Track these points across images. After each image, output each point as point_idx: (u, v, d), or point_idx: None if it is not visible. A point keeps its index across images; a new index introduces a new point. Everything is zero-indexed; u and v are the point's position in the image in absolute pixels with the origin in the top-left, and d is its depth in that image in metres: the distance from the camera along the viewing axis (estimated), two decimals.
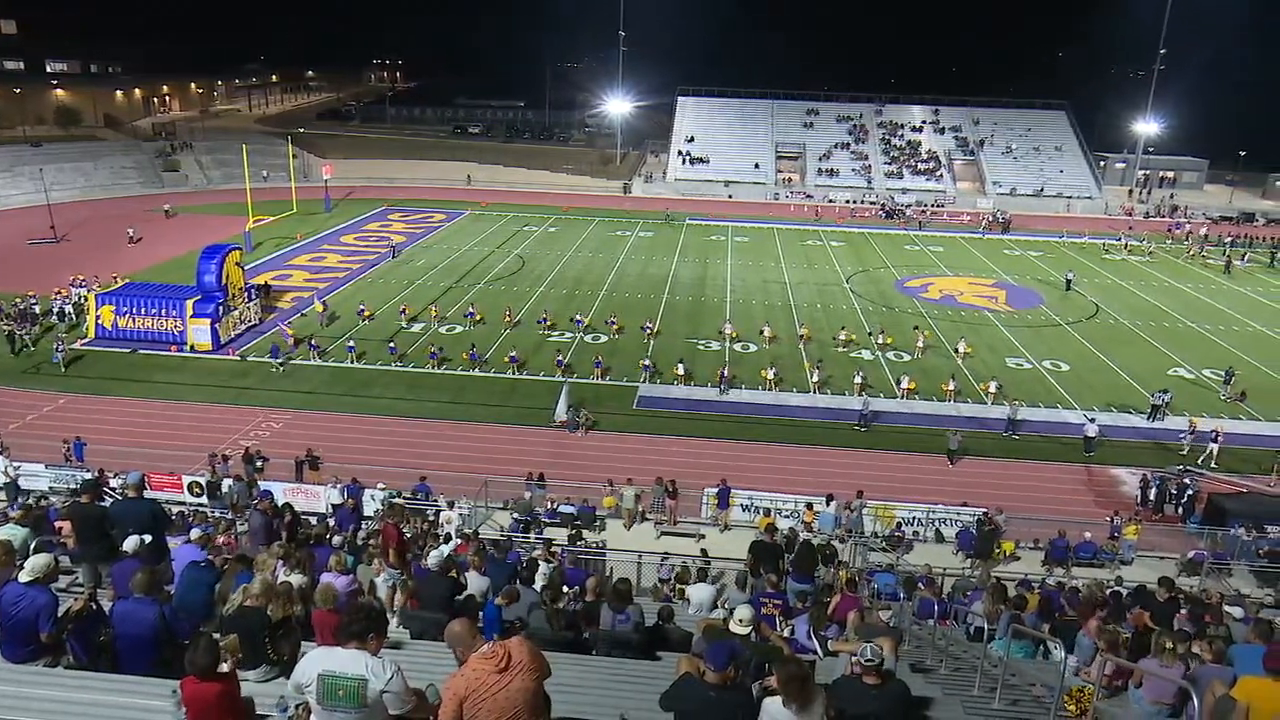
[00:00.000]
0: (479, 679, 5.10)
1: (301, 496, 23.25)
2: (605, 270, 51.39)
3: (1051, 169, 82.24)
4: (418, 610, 10.03)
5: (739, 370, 34.85)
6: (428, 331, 38.82)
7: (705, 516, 24.47)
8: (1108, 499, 26.51)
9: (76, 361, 33.85)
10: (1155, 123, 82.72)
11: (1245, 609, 15.35)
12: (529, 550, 16.86)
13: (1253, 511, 23.92)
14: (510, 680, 5.10)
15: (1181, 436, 29.58)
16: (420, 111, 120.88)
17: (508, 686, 5.08)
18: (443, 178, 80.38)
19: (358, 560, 11.95)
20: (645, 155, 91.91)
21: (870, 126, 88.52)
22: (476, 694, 5.07)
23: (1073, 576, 20.71)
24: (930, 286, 50.26)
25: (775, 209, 74.58)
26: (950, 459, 28.43)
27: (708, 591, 13.04)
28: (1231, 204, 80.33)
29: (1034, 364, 37.37)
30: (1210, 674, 7.80)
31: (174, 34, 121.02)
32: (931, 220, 70.95)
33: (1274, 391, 34.70)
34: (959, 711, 7.85)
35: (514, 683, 5.10)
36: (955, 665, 11.27)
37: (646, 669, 8.62)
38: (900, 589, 16.45)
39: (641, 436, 29.69)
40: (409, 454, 27.00)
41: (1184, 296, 49.61)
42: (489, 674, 5.09)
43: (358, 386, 32.98)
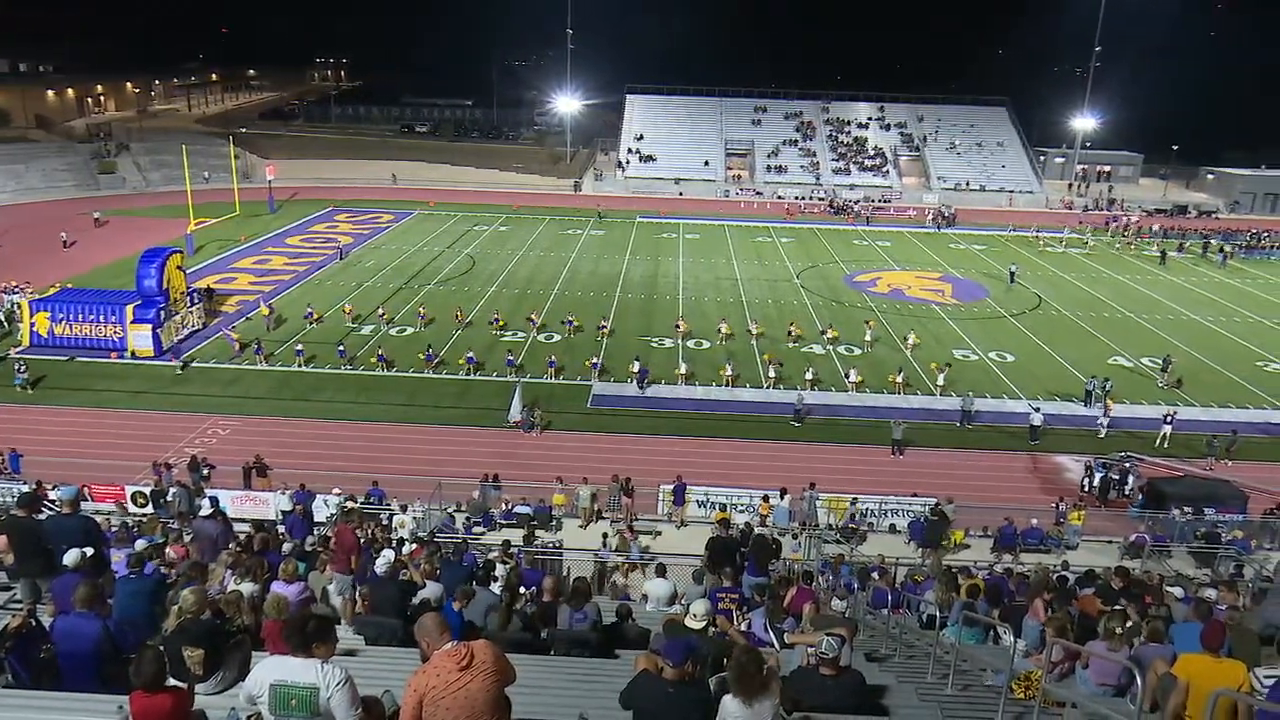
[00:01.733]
0: (440, 676, 5.07)
1: (250, 504, 22.84)
2: (557, 269, 51.22)
3: (994, 164, 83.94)
4: (370, 616, 9.90)
5: (695, 367, 35.01)
6: (377, 334, 38.32)
7: (661, 513, 24.53)
8: (1053, 486, 27.16)
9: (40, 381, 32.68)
10: (1092, 118, 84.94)
11: (1185, 589, 15.86)
12: (485, 552, 16.78)
13: (1190, 495, 24.70)
14: (471, 680, 5.07)
15: (1099, 421, 30.45)
16: (366, 110, 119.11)
17: (468, 686, 5.05)
18: (389, 177, 79.30)
19: (309, 567, 11.75)
20: (595, 153, 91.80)
21: (817, 123, 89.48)
22: (436, 691, 5.04)
23: (1020, 562, 21.18)
24: (879, 281, 51.00)
25: (726, 206, 75.00)
26: (894, 449, 28.88)
27: (665, 587, 13.08)
28: (1165, 197, 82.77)
29: (980, 355, 38.14)
30: (1152, 653, 8.03)
31: (109, 32, 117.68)
32: (878, 215, 71.91)
33: (1208, 378, 35.86)
34: (913, 698, 7.98)
35: (475, 683, 5.08)
36: (909, 653, 11.45)
37: (605, 667, 8.62)
38: (854, 580, 16.67)
39: (596, 435, 29.67)
40: (361, 458, 26.62)
41: (1122, 287, 51.02)
42: (450, 672, 5.06)
43: (307, 391, 32.44)
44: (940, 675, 9.38)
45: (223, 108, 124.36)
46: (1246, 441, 29.31)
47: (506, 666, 5.33)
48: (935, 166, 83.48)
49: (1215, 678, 6.54)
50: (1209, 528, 23.18)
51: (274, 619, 8.08)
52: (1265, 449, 29.61)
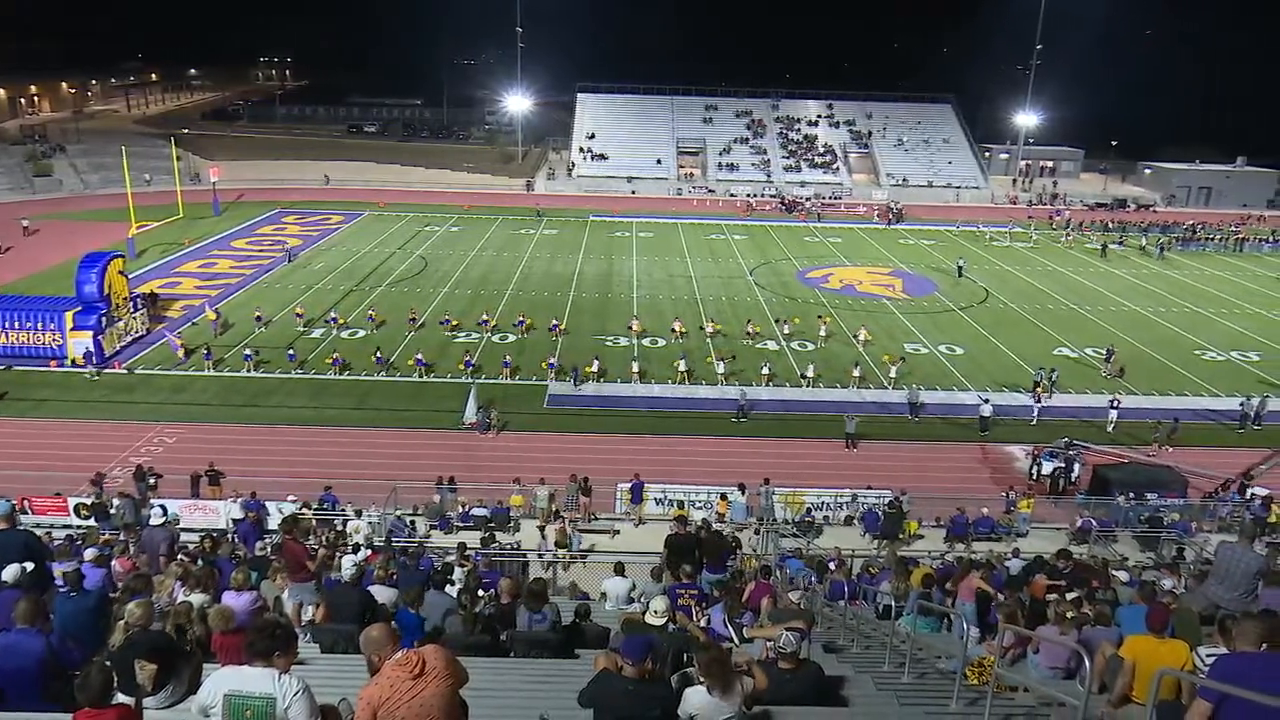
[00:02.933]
0: (392, 686, 4.99)
1: (200, 513, 22.37)
2: (510, 269, 50.93)
3: (941, 160, 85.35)
4: (329, 623, 9.75)
5: (649, 365, 35.06)
6: (328, 337, 37.75)
7: (619, 512, 24.54)
8: (1003, 475, 27.71)
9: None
10: (1034, 115, 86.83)
11: (1130, 573, 16.30)
12: (442, 555, 16.64)
13: (1133, 481, 25.40)
14: (424, 687, 5.01)
15: (1032, 409, 31.17)
16: (312, 110, 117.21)
17: (422, 694, 4.99)
18: (338, 178, 78.11)
19: (261, 576, 11.54)
20: (547, 152, 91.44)
21: (768, 121, 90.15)
22: (390, 701, 4.97)
23: (973, 551, 21.58)
24: (831, 277, 51.57)
25: (678, 204, 75.22)
26: (848, 443, 29.24)
27: (624, 585, 13.10)
28: (1106, 191, 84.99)
29: (930, 349, 38.77)
30: (1100, 636, 8.25)
31: (42, 30, 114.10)
32: (828, 212, 72.66)
33: (1149, 367, 36.88)
34: (870, 688, 8.09)
35: (428, 690, 5.01)
36: (866, 643, 11.62)
37: (565, 668, 8.60)
38: (811, 573, 16.85)
39: (553, 435, 29.58)
40: (314, 463, 26.21)
41: (1065, 280, 52.23)
42: (403, 681, 5.00)
43: (257, 396, 31.83)
44: (897, 664, 9.54)
45: (163, 108, 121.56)
46: (1185, 428, 30.19)
47: (458, 669, 5.28)
48: (884, 163, 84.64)
49: (1159, 658, 6.73)
50: (1152, 512, 23.86)
51: (220, 630, 7.93)
52: (1202, 434, 30.52)
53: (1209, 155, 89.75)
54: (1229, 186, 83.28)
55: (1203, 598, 9.81)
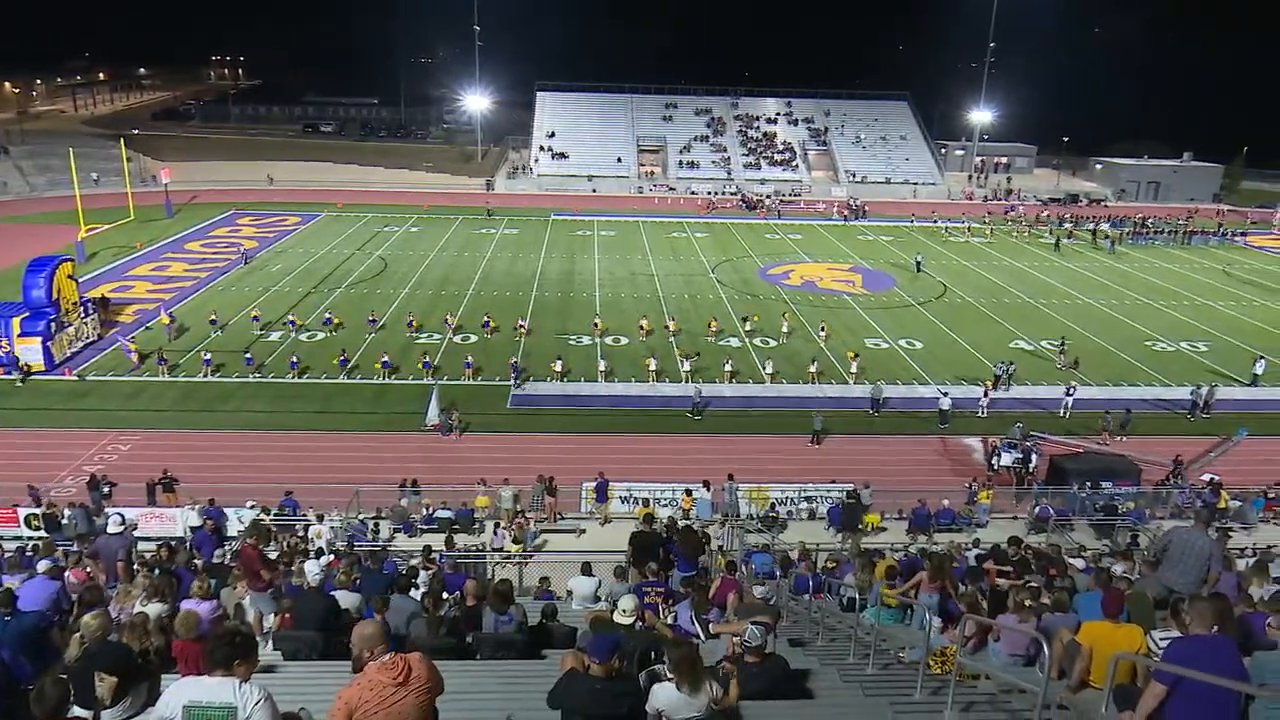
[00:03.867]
0: (374, 690, 4.94)
1: (156, 521, 21.94)
2: (471, 269, 50.60)
3: (898, 157, 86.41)
4: (292, 630, 9.62)
5: (614, 363, 35.04)
6: (286, 340, 37.21)
7: (585, 511, 24.51)
8: (963, 467, 28.12)
9: None
10: (988, 112, 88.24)
11: (1086, 560, 16.63)
12: (406, 558, 16.50)
13: (1089, 470, 25.90)
14: (405, 696, 4.97)
15: (979, 402, 31.71)
16: (266, 110, 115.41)
17: (402, 702, 4.94)
18: (295, 178, 77.05)
19: (222, 584, 11.35)
20: (507, 151, 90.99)
21: (727, 119, 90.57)
22: (369, 705, 4.91)
23: (935, 542, 21.88)
24: (791, 273, 51.94)
25: (640, 202, 75.27)
26: (814, 439, 29.49)
27: (589, 584, 13.08)
28: (1059, 186, 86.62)
29: (890, 343, 39.21)
30: (1057, 622, 8.41)
31: None
32: (788, 209, 73.17)
33: (1102, 358, 37.65)
34: (836, 680, 8.16)
35: (408, 699, 4.97)
36: (831, 636, 11.71)
37: (532, 668, 8.58)
38: (776, 567, 16.95)
39: (517, 435, 29.44)
40: (274, 469, 25.80)
41: (1021, 274, 53.14)
42: (385, 686, 4.95)
43: (215, 401, 31.27)
44: (861, 655, 9.64)
45: (112, 108, 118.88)
46: (1137, 417, 30.86)
47: (439, 681, 5.26)
48: (842, 160, 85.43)
49: (1115, 642, 6.89)
50: (1107, 501, 24.38)
51: (184, 638, 7.78)
52: (1154, 424, 31.21)
53: (1157, 151, 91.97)
54: (1176, 181, 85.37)
55: (1156, 583, 10.05)
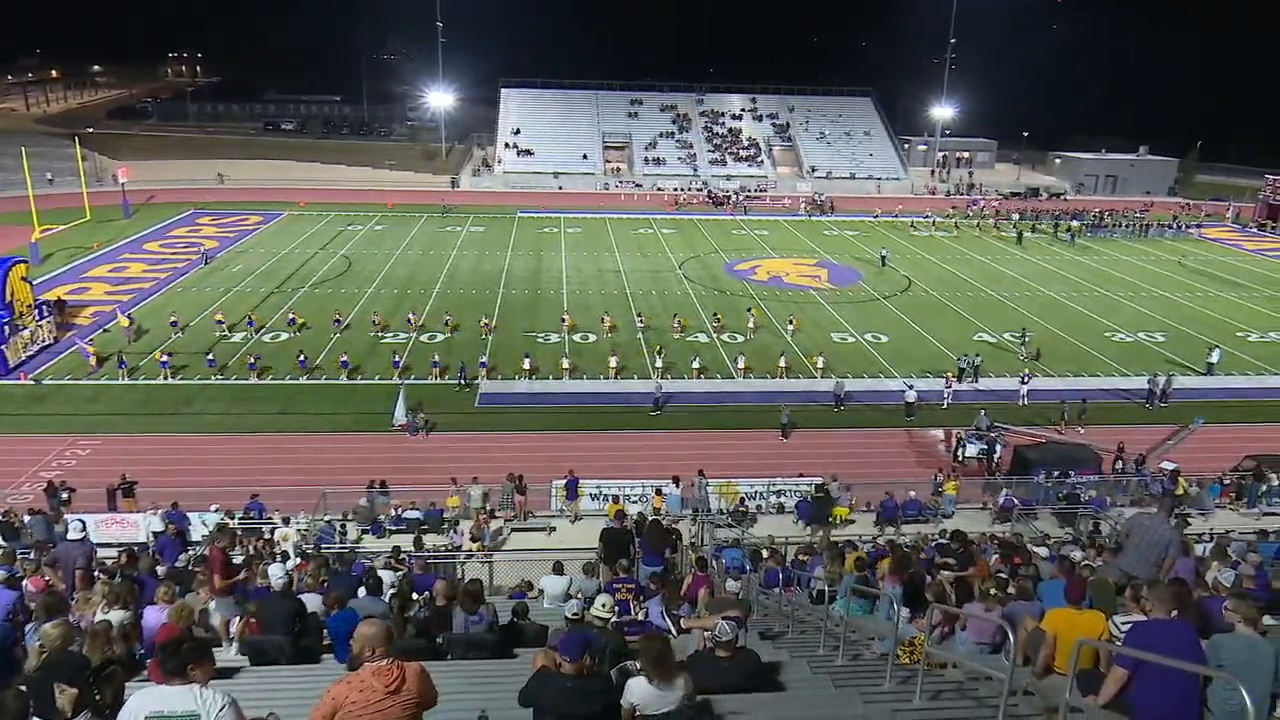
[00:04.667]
0: (363, 693, 4.87)
1: (117, 526, 21.55)
2: (437, 268, 50.23)
3: (862, 152, 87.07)
4: (257, 634, 9.50)
5: (580, 360, 34.98)
6: (249, 341, 36.69)
7: (555, 509, 24.46)
8: (929, 459, 28.46)
9: None
10: (950, 107, 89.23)
11: (1050, 548, 16.93)
12: (374, 560, 16.36)
13: (1051, 459, 26.31)
14: (394, 705, 4.91)
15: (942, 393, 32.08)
16: (226, 108, 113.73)
17: (387, 711, 4.88)
18: (256, 177, 75.94)
19: (185, 589, 11.18)
20: (472, 148, 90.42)
21: (693, 115, 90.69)
22: (355, 706, 4.85)
23: (902, 534, 22.14)
24: (758, 269, 52.18)
25: (606, 199, 75.17)
26: (782, 433, 29.68)
27: (561, 582, 13.06)
28: (1019, 180, 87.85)
29: (857, 337, 39.55)
30: (1022, 610, 8.55)
31: None
32: (754, 205, 73.45)
33: (1063, 349, 38.28)
34: (806, 672, 8.23)
35: (395, 709, 4.91)
36: (801, 629, 11.81)
37: (504, 668, 8.55)
38: (747, 562, 17.06)
39: (485, 434, 29.30)
40: (238, 472, 25.46)
41: (983, 267, 53.84)
42: (376, 692, 4.88)
43: (176, 404, 30.76)
44: (831, 647, 9.72)
45: (66, 106, 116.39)
46: (1097, 406, 31.41)
47: (432, 696, 5.21)
48: (807, 156, 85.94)
49: (1078, 628, 7.01)
50: (1069, 489, 24.78)
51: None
52: (1112, 413, 31.80)
53: (1114, 145, 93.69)
54: (1133, 174, 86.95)
55: (1117, 569, 10.24)
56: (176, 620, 8.11)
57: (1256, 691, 5.27)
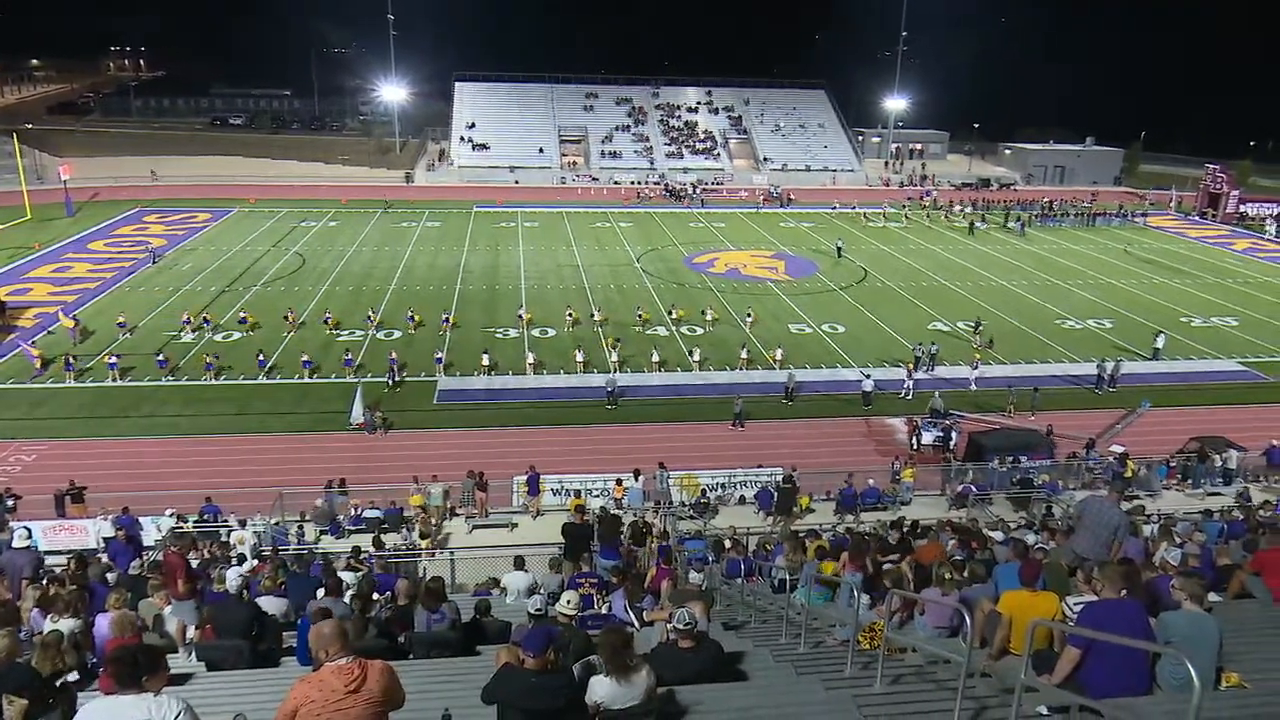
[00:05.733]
0: (322, 692, 4.80)
1: (66, 533, 21.02)
2: (393, 264, 49.68)
3: (816, 145, 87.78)
4: (213, 640, 9.34)
5: (541, 354, 34.84)
6: (201, 340, 35.97)
7: (517, 505, 24.35)
8: (887, 447, 28.82)
9: None
10: (902, 100, 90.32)
11: (1005, 532, 17.24)
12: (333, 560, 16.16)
13: (1005, 445, 26.82)
14: (354, 705, 4.82)
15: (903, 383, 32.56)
16: (171, 103, 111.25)
17: (348, 710, 4.80)
18: (205, 174, 74.37)
19: (138, 595, 10.95)
20: (426, 143, 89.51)
21: (648, 108, 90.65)
22: (315, 705, 4.77)
23: (861, 521, 22.42)
24: (716, 261, 52.38)
25: (563, 193, 74.89)
26: (735, 422, 29.86)
27: (524, 579, 13.03)
28: (970, 171, 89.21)
29: (814, 328, 39.90)
30: (978, 594, 8.71)
31: None
32: (711, 197, 73.67)
33: (1015, 337, 39.00)
34: (769, 660, 8.30)
35: (357, 709, 4.83)
36: (763, 618, 11.91)
37: (467, 666, 8.50)
38: (709, 553, 17.14)
39: (445, 431, 29.07)
40: (192, 475, 24.97)
41: (937, 257, 54.61)
42: (336, 691, 4.80)
43: (126, 407, 30.05)
44: (793, 636, 9.82)
45: (4, 102, 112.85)
46: (1049, 392, 32.06)
47: (398, 695, 5.12)
48: (763, 148, 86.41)
49: (1032, 610, 7.16)
50: (1023, 474, 25.28)
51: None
52: (1063, 399, 32.48)
53: (1062, 136, 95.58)
54: (1080, 165, 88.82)
55: (1070, 551, 10.48)
56: (120, 632, 7.91)
57: (1202, 666, 5.43)
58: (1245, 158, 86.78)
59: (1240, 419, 30.58)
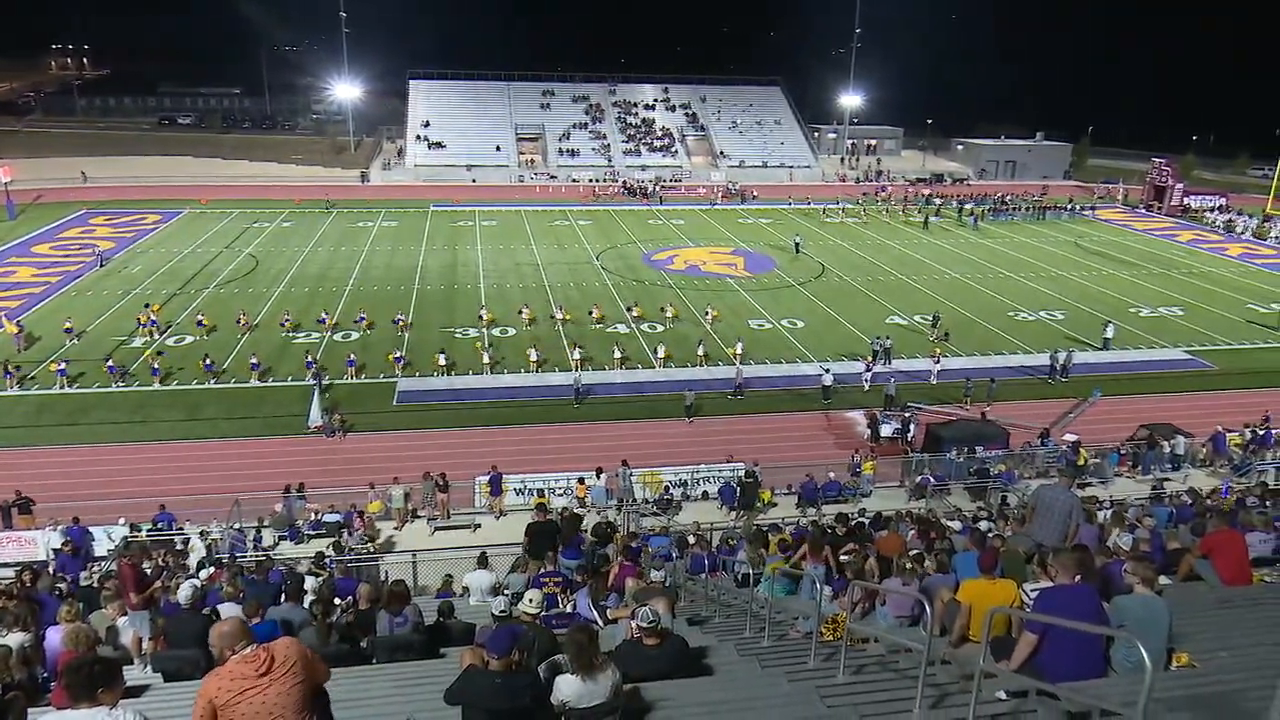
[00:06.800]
0: (234, 681, 4.68)
1: (14, 545, 20.48)
2: (349, 264, 49.04)
3: (773, 141, 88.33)
4: (168, 650, 9.15)
5: (501, 353, 34.63)
6: (152, 344, 35.19)
7: (479, 505, 24.21)
8: (847, 440, 29.11)
9: None
10: (857, 96, 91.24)
11: (963, 522, 17.53)
12: (293, 565, 15.93)
13: (962, 436, 27.25)
14: (270, 685, 4.70)
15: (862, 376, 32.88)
16: (117, 102, 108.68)
17: (265, 693, 4.68)
18: (153, 174, 72.74)
19: (90, 607, 10.70)
20: (381, 141, 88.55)
21: (605, 106, 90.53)
22: (230, 695, 4.65)
23: (822, 514, 22.61)
24: (675, 258, 52.49)
25: (521, 191, 74.50)
26: (687, 415, 29.97)
27: (487, 578, 12.96)
28: (924, 167, 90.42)
29: (773, 324, 40.17)
30: (937, 583, 8.84)
31: None
32: (669, 195, 73.77)
33: (970, 330, 39.61)
34: (733, 654, 8.34)
35: (274, 688, 4.70)
36: (727, 612, 11.97)
37: (431, 668, 8.43)
38: (673, 549, 17.19)
39: (405, 433, 28.78)
40: (146, 482, 24.42)
41: (893, 252, 55.27)
42: (247, 678, 4.69)
43: (74, 414, 29.30)
44: (757, 629, 9.88)
45: None
46: (1002, 383, 32.62)
47: (316, 667, 4.99)
48: (720, 145, 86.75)
49: (991, 597, 7.28)
50: (979, 465, 25.71)
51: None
52: (1018, 389, 33.07)
53: (1013, 131, 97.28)
54: (1031, 159, 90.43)
55: (1027, 539, 10.67)
56: (73, 646, 7.72)
57: (1153, 647, 5.57)
58: (1188, 151, 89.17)
59: (1187, 406, 31.42)
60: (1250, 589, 9.27)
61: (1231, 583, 9.25)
